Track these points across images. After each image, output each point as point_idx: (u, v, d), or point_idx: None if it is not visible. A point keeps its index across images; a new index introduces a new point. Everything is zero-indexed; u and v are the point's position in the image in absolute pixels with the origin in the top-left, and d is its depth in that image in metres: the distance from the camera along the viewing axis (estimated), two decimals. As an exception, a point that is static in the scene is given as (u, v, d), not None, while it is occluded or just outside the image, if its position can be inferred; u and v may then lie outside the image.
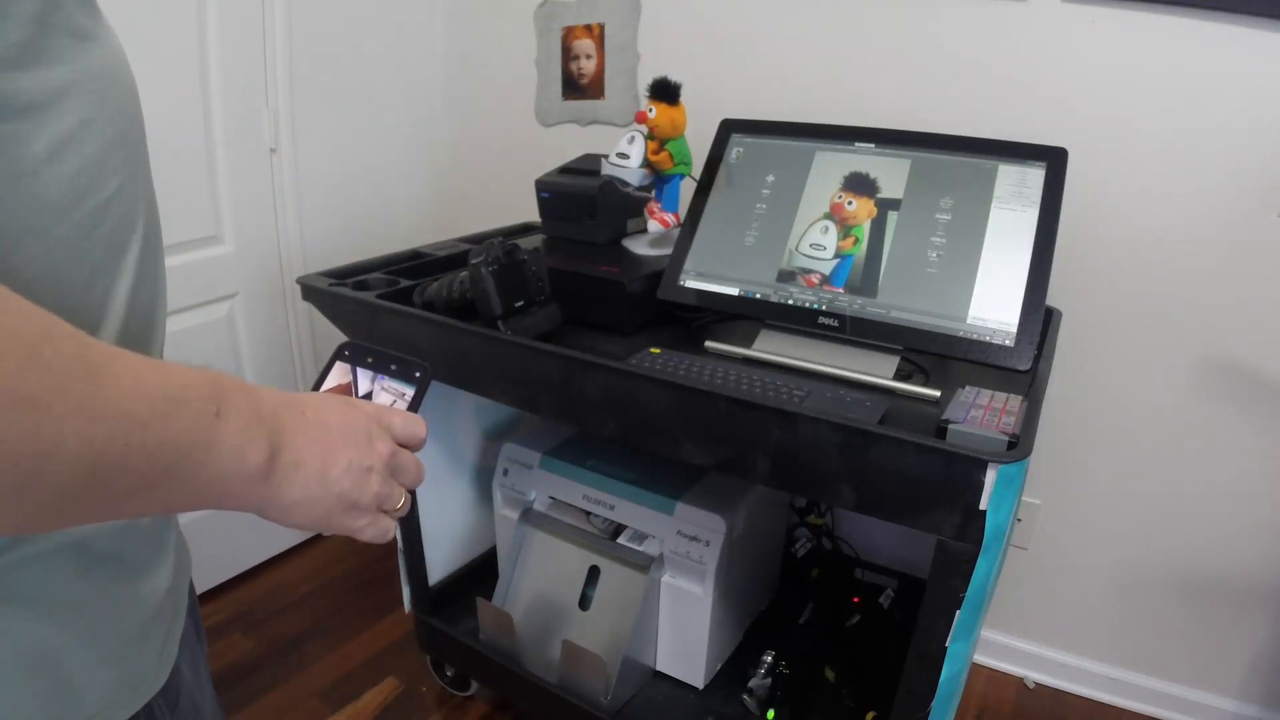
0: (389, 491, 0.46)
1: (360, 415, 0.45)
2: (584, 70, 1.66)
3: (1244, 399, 1.24)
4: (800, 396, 0.88)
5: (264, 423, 0.39)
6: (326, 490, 0.42)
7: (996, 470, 0.71)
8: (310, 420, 0.42)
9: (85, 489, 0.31)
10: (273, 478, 0.39)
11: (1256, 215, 1.16)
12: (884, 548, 1.51)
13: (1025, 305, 0.92)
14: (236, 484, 0.38)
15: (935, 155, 1.03)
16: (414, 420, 0.48)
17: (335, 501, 0.43)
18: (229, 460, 0.37)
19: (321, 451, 0.42)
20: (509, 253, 1.04)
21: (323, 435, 0.42)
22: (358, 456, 0.43)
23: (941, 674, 0.82)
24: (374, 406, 0.48)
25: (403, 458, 0.47)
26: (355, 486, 0.43)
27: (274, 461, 0.39)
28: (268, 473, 0.39)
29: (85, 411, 0.30)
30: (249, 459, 0.38)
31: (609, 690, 1.15)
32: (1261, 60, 1.09)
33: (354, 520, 0.44)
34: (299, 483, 0.41)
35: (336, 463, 0.42)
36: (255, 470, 0.38)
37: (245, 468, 0.38)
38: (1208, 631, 1.37)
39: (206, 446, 0.35)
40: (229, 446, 0.37)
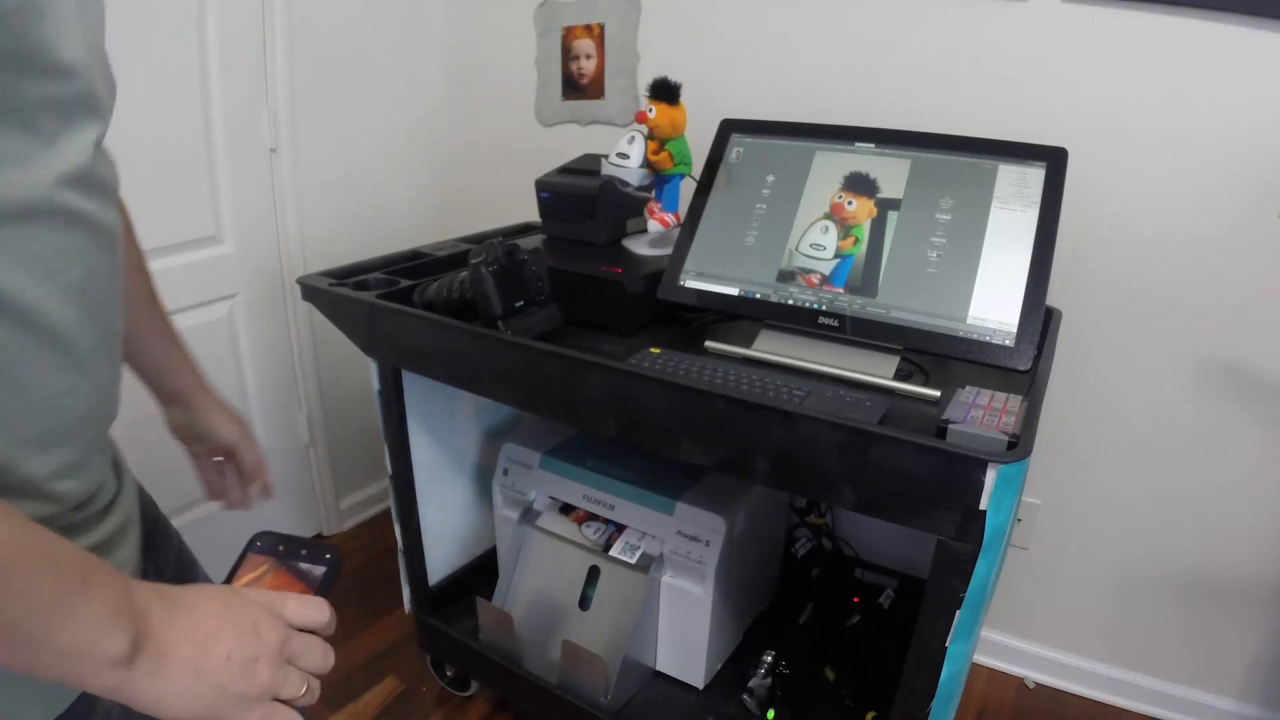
0: (283, 680, 0.45)
1: (245, 604, 0.45)
2: (584, 70, 1.66)
3: (1244, 399, 1.24)
4: (800, 396, 0.88)
5: (131, 612, 0.39)
6: (203, 683, 0.41)
7: (996, 470, 0.71)
8: (183, 613, 0.42)
9: None
10: (135, 668, 0.39)
11: (1257, 215, 1.16)
12: (884, 548, 1.51)
13: (1025, 305, 0.92)
14: (92, 666, 0.38)
15: (935, 155, 1.03)
16: (313, 604, 0.48)
17: (215, 695, 0.42)
18: (86, 637, 0.37)
19: (195, 645, 0.42)
20: (509, 253, 1.04)
21: (197, 627, 0.42)
22: (239, 647, 0.43)
23: (941, 674, 0.82)
24: (264, 594, 0.47)
25: (299, 644, 0.46)
26: (238, 678, 0.43)
27: (137, 652, 0.39)
28: (129, 662, 0.39)
29: None
30: (107, 644, 0.38)
31: (609, 690, 1.15)
32: (1262, 60, 1.09)
33: (243, 713, 0.43)
34: (169, 676, 0.40)
35: (214, 654, 0.42)
36: (114, 656, 0.38)
37: (102, 650, 0.38)
38: (1208, 631, 1.37)
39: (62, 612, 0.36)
40: (87, 623, 0.37)
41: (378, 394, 1.22)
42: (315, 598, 0.49)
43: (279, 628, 0.45)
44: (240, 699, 0.43)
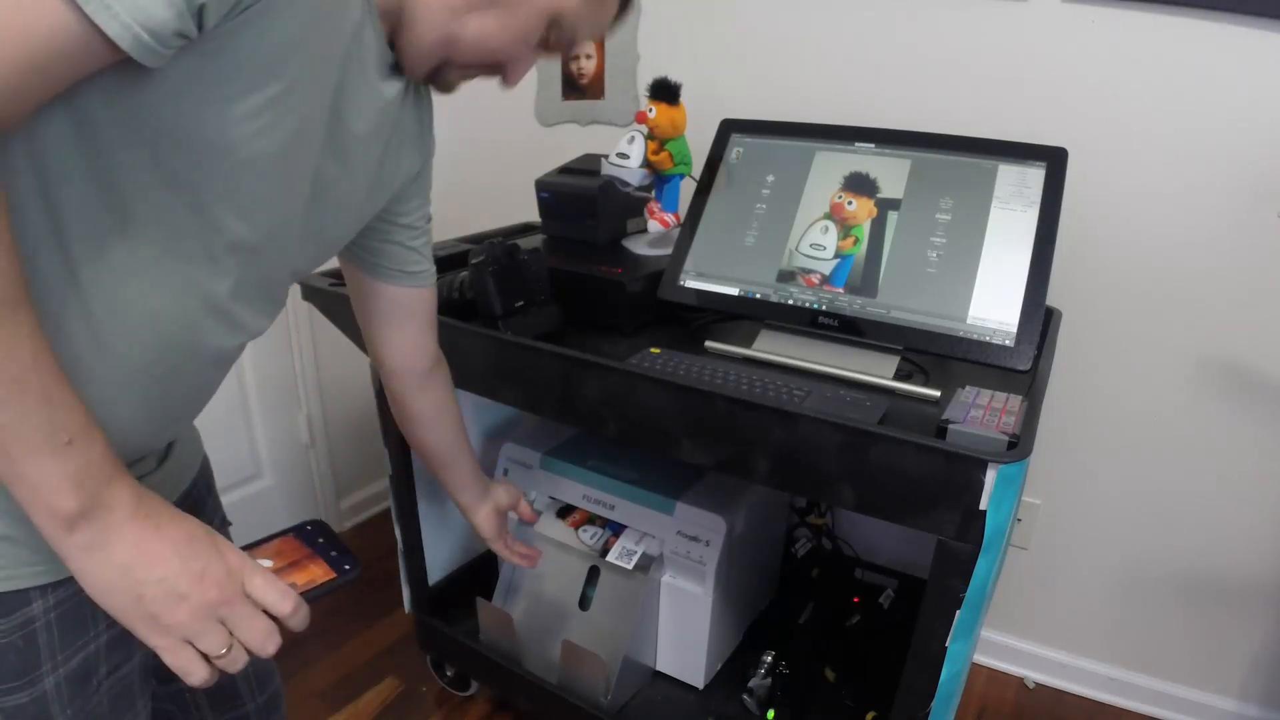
0: (202, 631, 0.46)
1: (208, 551, 0.47)
2: (584, 70, 1.66)
3: (1244, 399, 1.24)
4: (800, 396, 0.88)
5: (94, 490, 0.43)
6: (125, 585, 0.44)
7: (996, 470, 0.71)
8: (147, 524, 0.45)
9: None
10: (73, 535, 0.43)
11: (1256, 215, 1.16)
12: (884, 548, 1.51)
13: (1025, 305, 0.92)
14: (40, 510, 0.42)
15: (935, 155, 1.03)
16: (281, 590, 0.49)
17: (131, 601, 0.45)
18: (43, 481, 0.41)
19: (137, 551, 0.44)
20: (509, 253, 1.04)
21: (150, 540, 0.45)
22: (174, 578, 0.45)
23: (941, 674, 0.82)
24: (243, 558, 0.48)
25: (241, 613, 0.47)
26: (159, 602, 0.45)
27: (80, 521, 0.43)
28: (69, 527, 0.43)
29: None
30: (55, 499, 0.42)
31: (609, 690, 1.15)
32: (1261, 60, 1.09)
33: (152, 635, 0.46)
34: (99, 562, 0.44)
35: (148, 570, 0.45)
36: (56, 512, 0.42)
37: (48, 501, 0.42)
38: (1208, 631, 1.37)
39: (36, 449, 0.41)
40: (51, 472, 0.41)
41: (378, 394, 1.22)
42: (289, 587, 0.49)
43: (227, 588, 0.47)
44: (152, 620, 0.45)
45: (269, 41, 0.43)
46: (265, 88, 0.45)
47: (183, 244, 0.49)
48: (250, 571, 0.48)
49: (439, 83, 0.63)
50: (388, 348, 0.84)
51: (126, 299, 0.48)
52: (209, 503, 0.76)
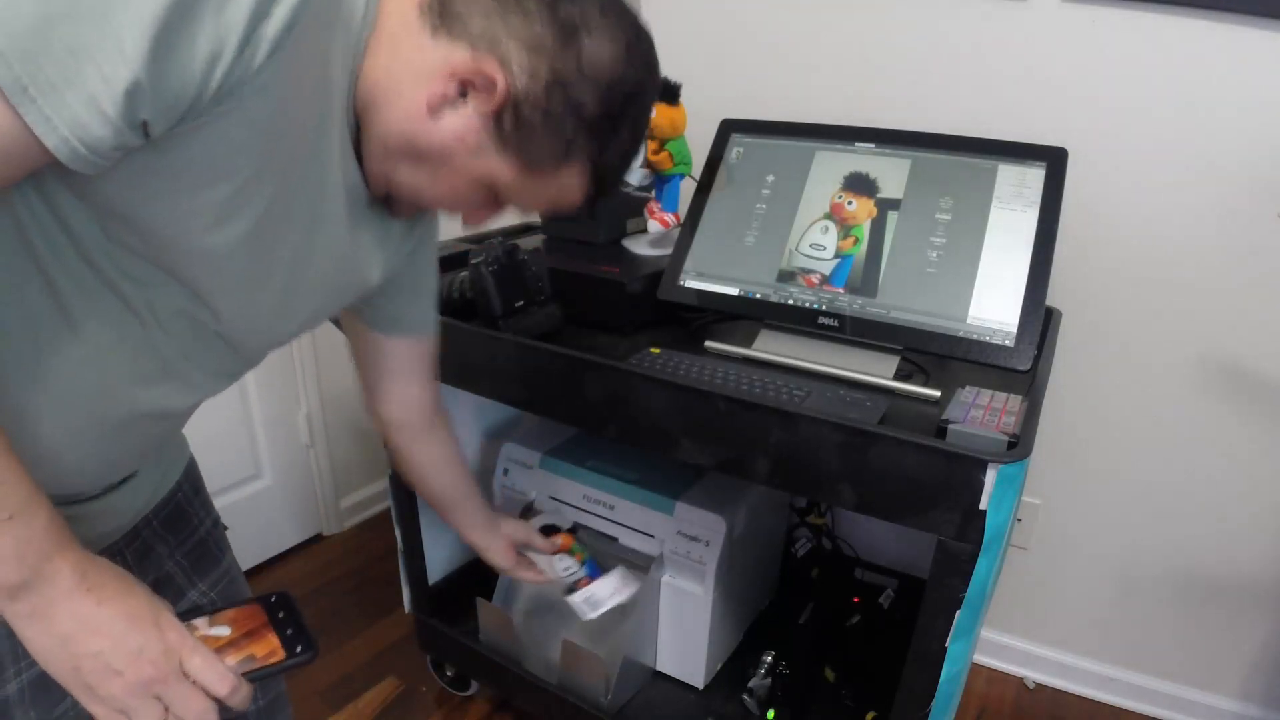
0: (140, 707, 0.46)
1: (147, 629, 0.47)
2: (584, 70, 1.66)
3: (1244, 399, 1.24)
4: (800, 396, 0.88)
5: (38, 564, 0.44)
6: (64, 655, 0.45)
7: (996, 470, 0.71)
8: (88, 600, 0.46)
9: None
10: (15, 604, 0.44)
11: (1257, 215, 1.16)
12: (884, 548, 1.51)
13: (1025, 305, 0.92)
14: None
15: (935, 155, 1.03)
16: (218, 671, 0.49)
17: (70, 672, 0.46)
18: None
19: (75, 626, 0.45)
20: (509, 253, 1.04)
21: (89, 617, 0.46)
22: (109, 655, 0.45)
23: (941, 674, 0.82)
24: (180, 635, 0.49)
25: (177, 693, 0.47)
26: (95, 675, 0.46)
27: (21, 592, 0.44)
28: (11, 596, 0.44)
29: None
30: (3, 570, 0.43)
31: (609, 690, 1.15)
32: (1261, 60, 1.09)
33: (90, 703, 0.47)
34: (40, 632, 0.45)
35: (85, 643, 0.45)
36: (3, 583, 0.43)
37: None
38: (1208, 631, 1.37)
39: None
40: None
41: (378, 394, 1.22)
42: (225, 669, 0.49)
43: (162, 666, 0.47)
44: (88, 690, 0.46)
45: (219, 145, 0.43)
46: (214, 187, 0.44)
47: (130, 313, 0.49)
48: (189, 651, 0.48)
49: (391, 209, 0.60)
50: (387, 403, 0.82)
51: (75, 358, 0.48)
52: (195, 505, 0.75)
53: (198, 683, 0.48)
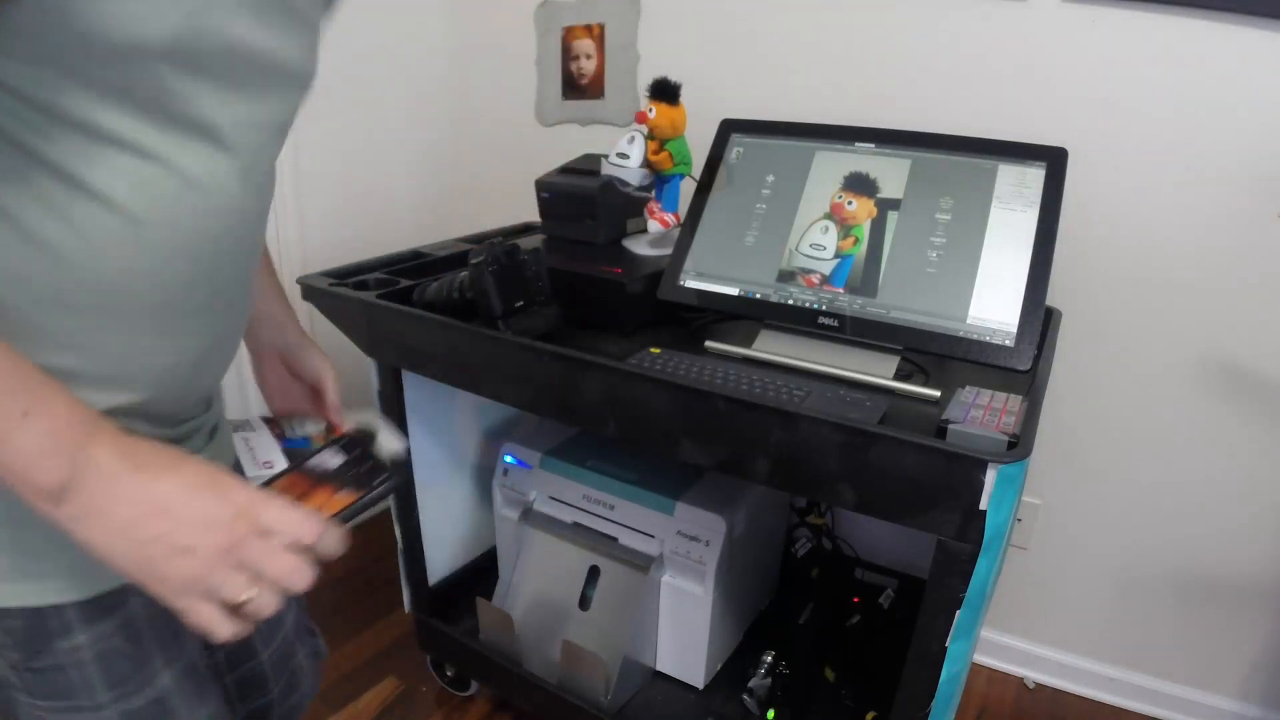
0: (221, 580, 0.42)
1: (207, 495, 0.43)
2: (584, 70, 1.66)
3: (1244, 398, 1.24)
4: (800, 396, 0.88)
5: (75, 455, 0.40)
6: (129, 546, 0.42)
7: (996, 470, 0.71)
8: (137, 478, 0.42)
9: None
10: (63, 508, 0.41)
11: (1256, 215, 1.16)
12: (884, 548, 1.51)
13: (1025, 305, 0.92)
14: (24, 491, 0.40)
15: (935, 155, 1.03)
16: (298, 517, 0.45)
17: (140, 562, 0.42)
18: (16, 463, 0.40)
19: (132, 510, 0.42)
20: (509, 253, 1.04)
21: (141, 494, 0.42)
22: (175, 533, 0.42)
23: (941, 674, 0.82)
24: (246, 492, 0.44)
25: (258, 552, 0.43)
26: (166, 561, 0.42)
27: (68, 494, 0.40)
28: (56, 500, 0.40)
29: None
30: (34, 475, 0.40)
31: (609, 690, 1.15)
32: (1262, 60, 1.09)
33: (168, 596, 0.43)
34: (97, 528, 0.41)
35: (147, 528, 0.41)
36: (41, 489, 0.40)
37: (30, 479, 0.40)
38: (1208, 631, 1.37)
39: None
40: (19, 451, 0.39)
41: (378, 394, 1.22)
42: (306, 512, 0.45)
43: (236, 529, 0.43)
44: (164, 582, 0.42)
45: None
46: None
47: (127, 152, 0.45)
48: (261, 505, 0.44)
49: None
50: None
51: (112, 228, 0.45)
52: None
53: (280, 536, 0.44)
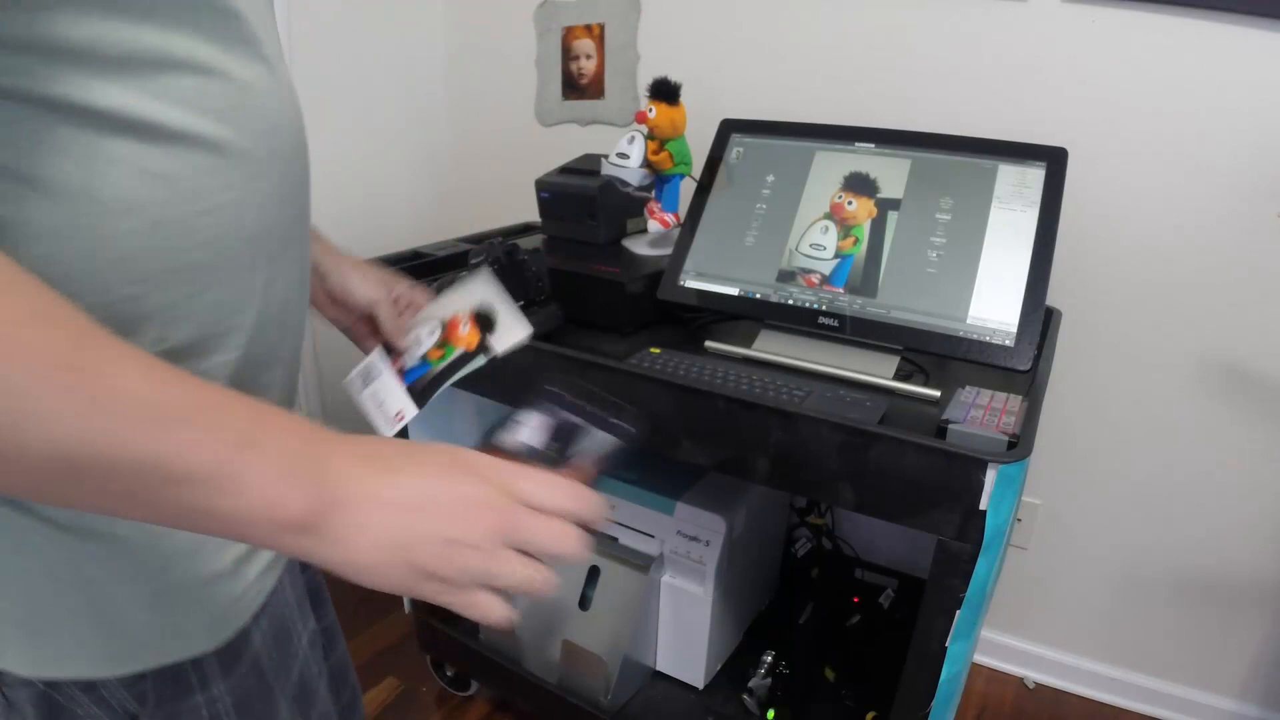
0: (496, 568, 0.39)
1: (464, 480, 0.39)
2: (584, 70, 1.66)
3: (1244, 399, 1.24)
4: (800, 396, 0.88)
5: (313, 476, 0.36)
6: (396, 558, 0.37)
7: (996, 470, 0.71)
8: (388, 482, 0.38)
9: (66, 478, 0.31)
10: (317, 534, 0.36)
11: (1257, 215, 1.16)
12: (884, 548, 1.51)
13: (1025, 305, 0.92)
14: (262, 529, 0.35)
15: (935, 155, 1.03)
16: (561, 487, 0.41)
17: (408, 572, 0.38)
18: (253, 502, 0.34)
19: (394, 518, 0.37)
20: (509, 253, 1.04)
21: (400, 500, 0.38)
22: (444, 528, 0.38)
23: (941, 674, 0.82)
24: (500, 470, 0.41)
25: (530, 528, 0.40)
26: (436, 560, 0.38)
27: (317, 520, 0.36)
28: (304, 530, 0.36)
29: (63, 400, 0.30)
30: (279, 508, 0.35)
31: (609, 690, 1.15)
32: (1262, 60, 1.09)
33: (441, 596, 0.39)
34: (358, 548, 0.37)
35: (413, 532, 0.37)
36: (287, 521, 0.35)
37: (273, 515, 0.35)
38: (1208, 631, 1.37)
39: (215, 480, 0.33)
40: (252, 486, 0.34)
41: (378, 394, 1.22)
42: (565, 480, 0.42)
43: (502, 511, 0.39)
44: (436, 580, 0.38)
45: None
46: None
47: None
48: (518, 476, 0.41)
49: None
50: None
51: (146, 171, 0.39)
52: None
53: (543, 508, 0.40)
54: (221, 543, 0.47)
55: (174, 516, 0.34)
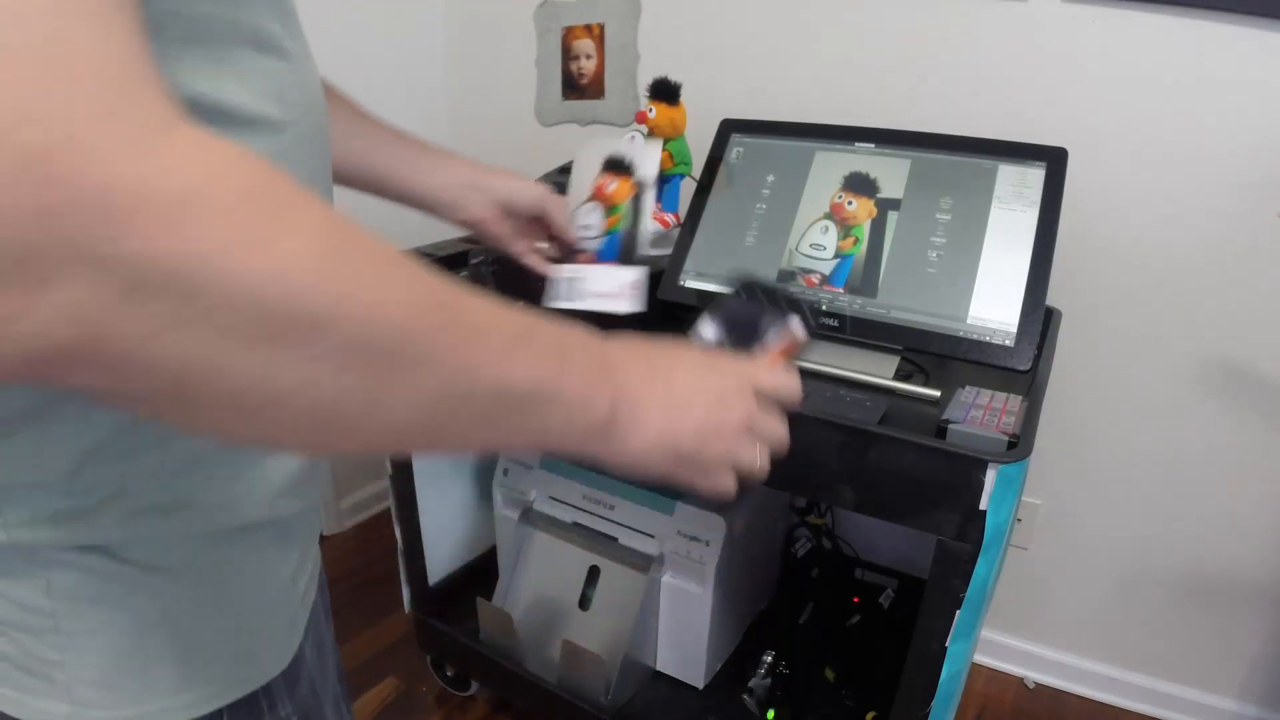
0: (740, 455, 0.45)
1: (717, 377, 0.45)
2: (584, 70, 1.66)
3: (1244, 398, 1.24)
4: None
5: (609, 379, 0.39)
6: (665, 448, 0.41)
7: (996, 470, 0.71)
8: (659, 379, 0.42)
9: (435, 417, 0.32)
10: (611, 432, 0.39)
11: (1256, 215, 1.16)
12: (884, 548, 1.51)
13: (1025, 305, 0.92)
14: (575, 435, 0.38)
15: (935, 155, 1.03)
16: (787, 377, 0.48)
17: (674, 459, 0.42)
18: (570, 412, 0.37)
19: (666, 414, 0.41)
20: (509, 253, 1.03)
21: (669, 397, 0.42)
22: (705, 419, 0.43)
23: (941, 674, 0.82)
24: (739, 366, 0.47)
25: (764, 420, 0.46)
26: (698, 448, 0.43)
27: (614, 417, 0.39)
28: (606, 429, 0.38)
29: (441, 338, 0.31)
30: (589, 413, 0.37)
31: (609, 690, 1.15)
32: (1262, 60, 1.09)
33: (694, 476, 0.44)
34: (638, 441, 0.40)
35: (680, 423, 0.42)
36: (595, 424, 0.38)
37: (586, 420, 0.37)
38: (1208, 631, 1.37)
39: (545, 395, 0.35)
40: (571, 398, 0.36)
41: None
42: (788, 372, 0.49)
43: (747, 400, 0.45)
44: (696, 464, 0.43)
45: None
46: None
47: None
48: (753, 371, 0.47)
49: None
50: None
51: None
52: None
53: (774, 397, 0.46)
54: (281, 557, 0.47)
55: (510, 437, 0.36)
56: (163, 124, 0.24)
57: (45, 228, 0.21)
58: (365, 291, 0.28)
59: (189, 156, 0.24)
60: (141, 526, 0.39)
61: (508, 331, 0.34)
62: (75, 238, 0.21)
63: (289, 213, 0.27)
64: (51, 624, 0.38)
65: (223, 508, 0.41)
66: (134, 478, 0.38)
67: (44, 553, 0.37)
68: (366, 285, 0.28)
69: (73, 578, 0.38)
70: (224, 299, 0.24)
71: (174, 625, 0.42)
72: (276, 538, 0.46)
